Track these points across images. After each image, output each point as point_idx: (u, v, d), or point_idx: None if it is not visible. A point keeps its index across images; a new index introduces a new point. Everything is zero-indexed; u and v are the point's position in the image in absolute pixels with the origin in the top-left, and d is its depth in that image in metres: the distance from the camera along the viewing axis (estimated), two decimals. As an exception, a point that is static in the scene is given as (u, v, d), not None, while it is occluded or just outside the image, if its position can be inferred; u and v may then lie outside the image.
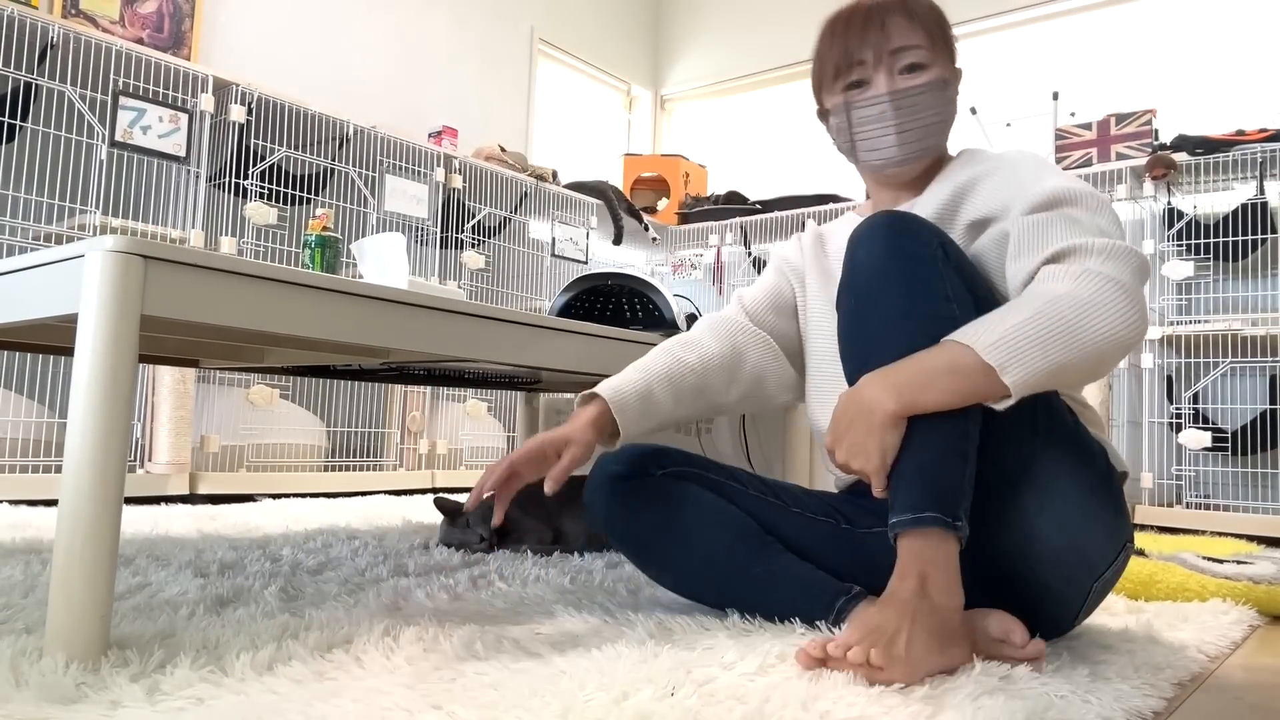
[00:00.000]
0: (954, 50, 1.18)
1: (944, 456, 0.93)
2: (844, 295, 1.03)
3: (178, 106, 2.59)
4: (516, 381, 2.14)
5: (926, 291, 0.97)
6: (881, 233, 1.00)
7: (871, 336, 0.99)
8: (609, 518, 1.17)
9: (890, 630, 0.88)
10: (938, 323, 0.95)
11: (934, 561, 0.92)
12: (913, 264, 0.97)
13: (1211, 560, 1.77)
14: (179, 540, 1.71)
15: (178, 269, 0.91)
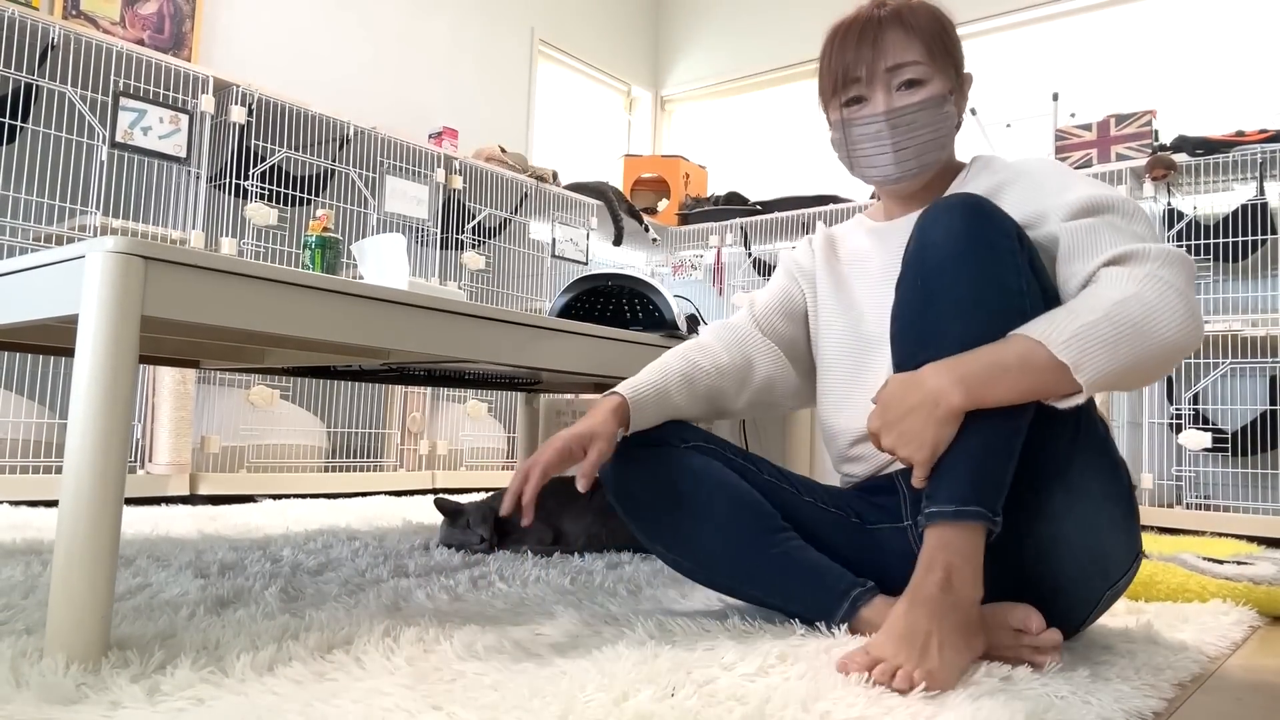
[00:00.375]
0: (958, 58, 1.15)
1: (992, 451, 0.93)
2: (909, 272, 0.99)
3: (178, 107, 2.59)
4: (517, 382, 2.14)
5: (1001, 280, 0.94)
6: (960, 213, 0.96)
7: (936, 319, 0.96)
8: (627, 485, 1.15)
9: (922, 637, 0.88)
10: (1007, 315, 0.93)
11: (961, 553, 0.91)
12: (991, 250, 0.94)
13: (1211, 561, 1.77)
14: (179, 541, 1.71)
15: (178, 270, 0.91)
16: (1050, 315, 0.93)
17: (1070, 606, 1.03)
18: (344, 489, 2.96)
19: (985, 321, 0.93)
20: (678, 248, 4.45)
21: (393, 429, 3.22)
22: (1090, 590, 1.03)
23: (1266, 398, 2.85)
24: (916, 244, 0.99)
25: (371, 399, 3.28)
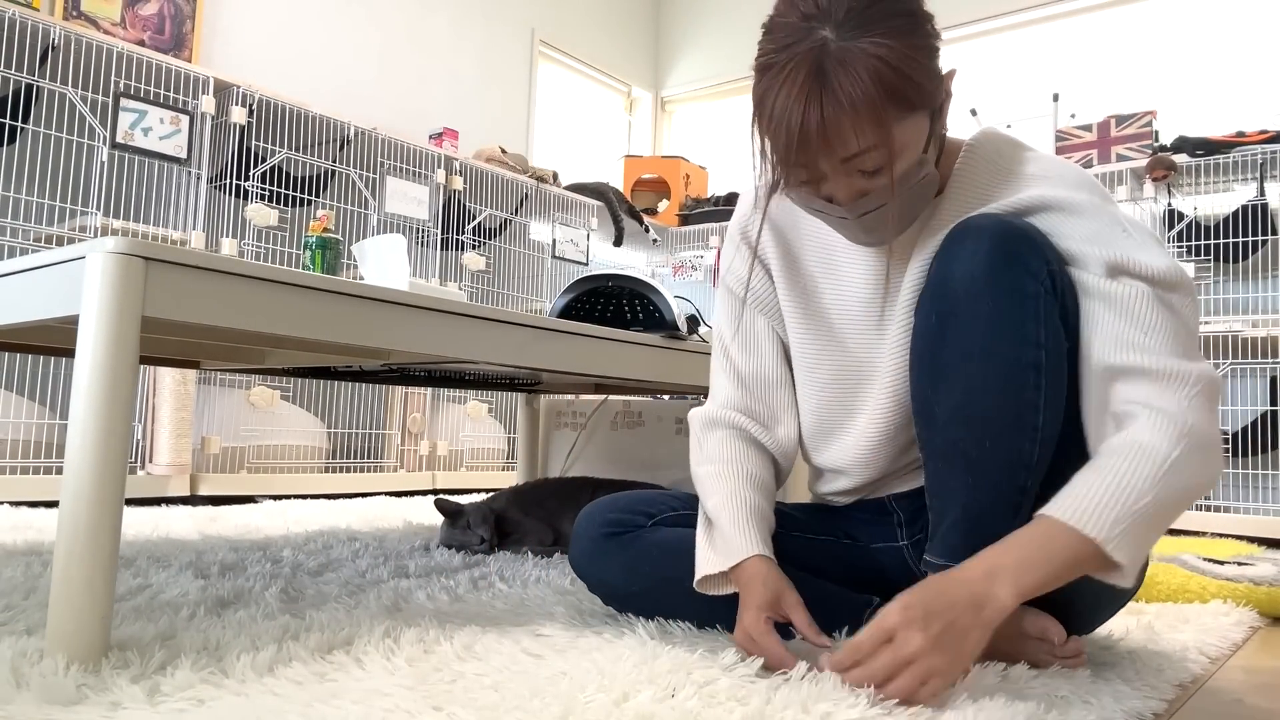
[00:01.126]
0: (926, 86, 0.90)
1: (995, 506, 0.90)
2: (928, 300, 0.93)
3: (179, 108, 2.59)
4: (517, 383, 2.14)
5: (1019, 329, 0.87)
6: (987, 245, 0.88)
7: (947, 361, 0.91)
8: (608, 581, 1.11)
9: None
10: (1019, 370, 0.88)
11: None
12: (1013, 294, 0.87)
13: (1212, 562, 1.77)
14: (180, 542, 1.71)
15: (178, 270, 0.91)
16: (1092, 492, 0.83)
17: (1080, 616, 1.02)
18: (344, 490, 2.96)
19: (996, 375, 0.88)
20: (678, 248, 4.45)
21: (393, 430, 3.22)
22: (1101, 602, 1.02)
23: (1267, 398, 2.85)
24: (938, 270, 0.92)
25: (372, 400, 3.28)
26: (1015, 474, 0.90)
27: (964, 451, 0.91)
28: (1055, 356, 0.89)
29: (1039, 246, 0.89)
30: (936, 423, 0.93)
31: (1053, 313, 0.89)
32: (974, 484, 0.90)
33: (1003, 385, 0.88)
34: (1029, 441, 0.89)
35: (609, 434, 2.46)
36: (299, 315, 1.02)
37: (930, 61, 0.93)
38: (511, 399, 3.76)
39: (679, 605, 1.08)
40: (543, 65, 4.64)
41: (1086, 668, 0.97)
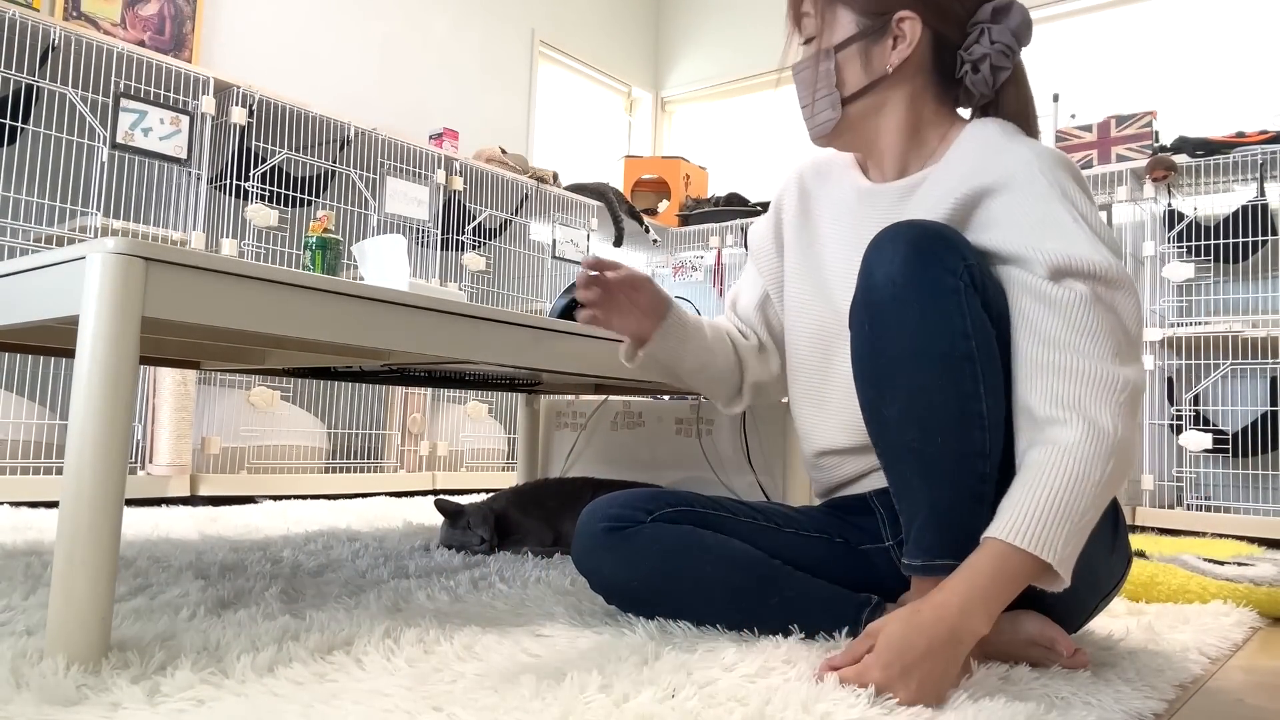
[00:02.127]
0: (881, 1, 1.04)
1: (959, 498, 0.91)
2: (859, 312, 0.96)
3: (179, 109, 2.60)
4: (517, 383, 2.14)
5: (943, 328, 0.90)
6: (902, 251, 0.91)
7: (887, 368, 0.93)
8: (607, 577, 1.11)
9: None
10: (952, 362, 0.90)
11: None
12: (932, 295, 0.90)
13: (1212, 562, 1.77)
14: (180, 542, 1.71)
15: (179, 271, 0.91)
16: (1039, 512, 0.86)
17: (1065, 615, 1.02)
18: (344, 490, 2.96)
19: (932, 371, 0.90)
20: (678, 249, 4.45)
21: (393, 430, 3.22)
22: (1082, 603, 1.03)
23: (1267, 399, 2.85)
24: (862, 281, 0.95)
25: (372, 400, 3.28)
26: (973, 464, 0.91)
27: (918, 451, 0.92)
28: (985, 346, 0.91)
29: (954, 245, 0.92)
30: (888, 427, 0.94)
31: (975, 304, 0.91)
32: (935, 481, 0.92)
33: (941, 381, 0.90)
34: (978, 429, 0.91)
35: (609, 434, 2.46)
36: (299, 315, 1.02)
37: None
38: (511, 399, 3.76)
39: (678, 602, 1.09)
40: (543, 65, 4.64)
41: (1087, 669, 0.97)
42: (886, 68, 1.06)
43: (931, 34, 1.06)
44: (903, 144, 1.10)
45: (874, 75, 1.07)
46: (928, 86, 1.09)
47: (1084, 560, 0.96)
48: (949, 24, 1.06)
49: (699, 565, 1.07)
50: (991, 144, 1.03)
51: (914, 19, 1.04)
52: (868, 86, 1.07)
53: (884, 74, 1.06)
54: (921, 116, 1.10)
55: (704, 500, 1.14)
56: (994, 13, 1.04)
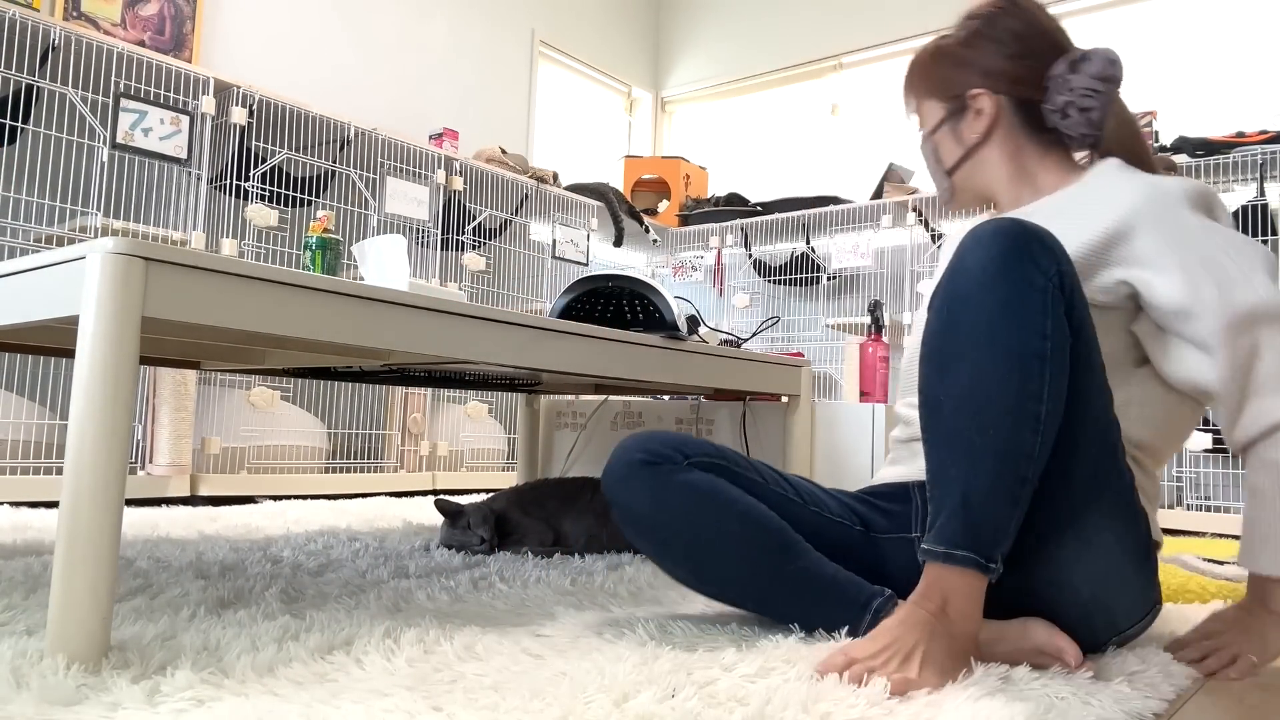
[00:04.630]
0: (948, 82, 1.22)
1: (994, 494, 0.91)
2: (940, 294, 0.97)
3: (179, 109, 2.60)
4: (517, 383, 2.14)
5: (1023, 322, 0.91)
6: (999, 243, 0.93)
7: (954, 350, 0.94)
8: (633, 508, 1.11)
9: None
10: (1024, 358, 0.90)
11: (958, 591, 0.91)
12: (1020, 289, 0.91)
13: (1212, 562, 1.77)
14: (180, 542, 1.71)
15: (178, 271, 0.91)
16: None
17: (1097, 630, 1.02)
18: (344, 490, 2.96)
19: (1000, 362, 0.91)
20: (678, 249, 4.45)
21: (393, 430, 3.22)
22: (1095, 634, 1.02)
23: (1267, 399, 2.84)
24: (951, 267, 0.96)
25: (372, 400, 3.28)
26: (1016, 463, 0.90)
27: (967, 439, 0.92)
28: (1059, 350, 0.91)
29: (1050, 248, 0.93)
30: (942, 411, 0.94)
31: (1059, 308, 0.92)
32: (974, 471, 0.91)
33: (1007, 372, 0.90)
34: (1030, 431, 0.90)
35: (609, 434, 2.46)
36: (299, 315, 1.02)
37: (950, 69, 1.22)
38: (511, 399, 3.76)
39: (696, 549, 1.09)
40: (543, 65, 4.64)
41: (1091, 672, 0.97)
42: (974, 138, 1.21)
43: (1010, 100, 1.19)
44: (1015, 189, 1.21)
45: (966, 146, 1.22)
46: (1024, 142, 1.20)
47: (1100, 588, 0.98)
48: (1024, 86, 1.18)
49: (724, 518, 1.07)
50: (1107, 188, 1.11)
51: (985, 94, 1.19)
52: (963, 157, 1.22)
53: (974, 143, 1.21)
54: (1025, 167, 1.21)
55: (738, 458, 1.17)
56: (1070, 64, 1.18)
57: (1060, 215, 1.13)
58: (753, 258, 4.18)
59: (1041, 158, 1.21)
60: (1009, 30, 1.20)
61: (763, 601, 1.10)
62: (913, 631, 0.90)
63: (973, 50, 1.20)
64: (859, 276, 3.84)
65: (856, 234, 3.75)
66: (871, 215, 3.78)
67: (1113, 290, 1.06)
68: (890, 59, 4.40)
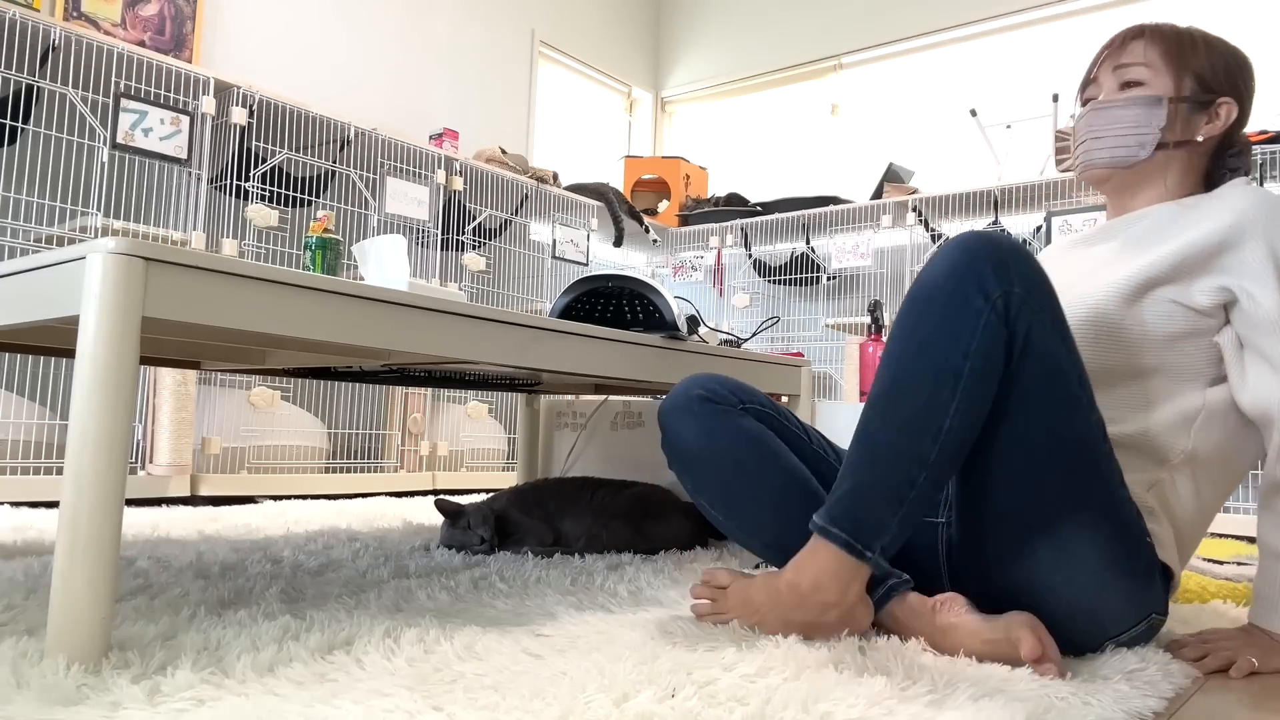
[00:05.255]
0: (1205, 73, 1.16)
1: (881, 490, 0.97)
2: (905, 298, 1.02)
3: (179, 109, 2.60)
4: (517, 383, 2.14)
5: (949, 338, 0.95)
6: (954, 258, 0.97)
7: (890, 353, 1.00)
8: (683, 438, 1.18)
9: (757, 615, 1.04)
10: (940, 373, 0.95)
11: (825, 565, 0.99)
12: (956, 306, 0.95)
13: (1212, 561, 1.77)
14: (180, 542, 1.71)
15: (179, 271, 0.91)
16: None
17: (1071, 645, 1.02)
18: (345, 490, 2.96)
19: (919, 368, 0.96)
20: (678, 249, 4.45)
21: (393, 430, 3.22)
22: (1086, 636, 1.03)
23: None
24: (919, 273, 1.01)
25: (372, 400, 3.28)
26: (908, 466, 0.96)
27: (871, 433, 0.99)
28: (980, 372, 0.95)
29: (1003, 267, 0.95)
30: (867, 403, 1.01)
31: (993, 332, 0.94)
32: (870, 464, 0.98)
33: (920, 382, 0.96)
34: (930, 440, 0.95)
35: (609, 434, 2.46)
36: (299, 315, 1.02)
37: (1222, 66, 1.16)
38: (511, 399, 3.76)
39: (731, 486, 1.17)
40: (543, 66, 4.64)
41: (1086, 667, 0.97)
42: (1197, 136, 1.17)
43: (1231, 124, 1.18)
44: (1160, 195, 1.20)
45: (1183, 137, 1.17)
46: (1200, 167, 1.20)
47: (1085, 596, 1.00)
48: (1237, 127, 1.19)
49: (764, 467, 1.15)
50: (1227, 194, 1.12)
51: (1231, 104, 1.17)
52: (1177, 143, 1.17)
53: (1190, 139, 1.17)
54: (1183, 186, 1.20)
55: (789, 414, 1.26)
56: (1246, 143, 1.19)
57: (1175, 220, 1.14)
58: (753, 258, 4.18)
59: (1196, 184, 1.21)
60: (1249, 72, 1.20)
61: (784, 552, 1.11)
62: (761, 597, 1.04)
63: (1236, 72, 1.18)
64: (859, 276, 3.84)
65: (856, 234, 3.75)
66: (871, 215, 3.78)
67: (1213, 295, 1.07)
68: (890, 59, 4.40)
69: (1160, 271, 1.09)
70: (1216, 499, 1.12)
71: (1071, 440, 0.98)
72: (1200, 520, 1.12)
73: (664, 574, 1.52)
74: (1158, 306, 1.09)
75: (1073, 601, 1.01)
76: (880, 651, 0.99)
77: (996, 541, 1.02)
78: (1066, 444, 0.98)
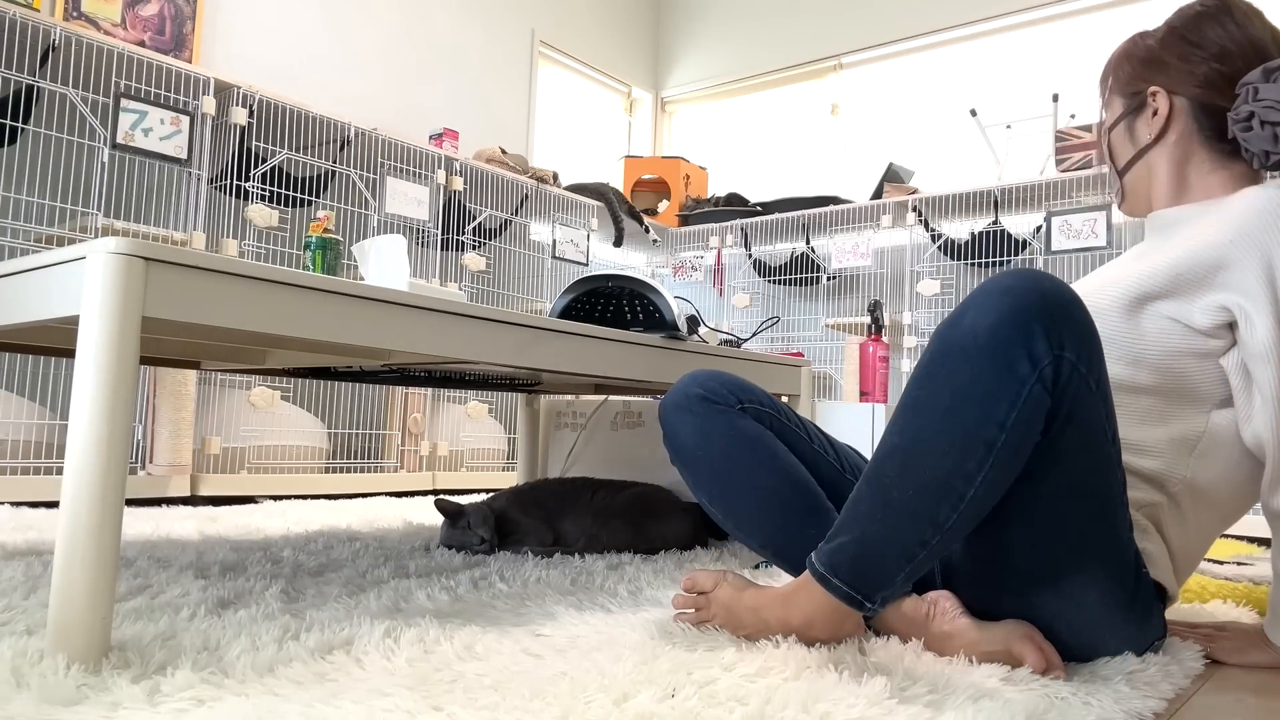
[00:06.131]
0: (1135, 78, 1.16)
1: (891, 546, 0.92)
2: (936, 333, 0.92)
3: (179, 109, 2.60)
4: (517, 383, 2.14)
5: (987, 406, 0.86)
6: (1002, 309, 0.86)
7: (916, 400, 0.92)
8: (681, 436, 1.18)
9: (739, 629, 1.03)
10: (970, 441, 0.87)
11: (821, 609, 0.97)
12: (998, 371, 0.86)
13: (1212, 561, 1.77)
14: (180, 542, 1.71)
15: (179, 271, 0.91)
16: None
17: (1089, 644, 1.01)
18: (345, 490, 2.96)
19: (948, 432, 0.88)
20: (678, 249, 4.45)
21: (393, 430, 3.22)
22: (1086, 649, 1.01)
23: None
24: (959, 309, 0.91)
25: (372, 400, 3.28)
26: (922, 529, 0.90)
27: (886, 486, 0.92)
28: (1013, 445, 0.87)
29: (1056, 325, 0.86)
30: (883, 448, 0.94)
31: (1035, 404, 0.86)
32: (882, 519, 0.92)
33: (948, 447, 0.88)
34: (950, 507, 0.89)
35: (609, 434, 2.46)
36: (299, 315, 1.02)
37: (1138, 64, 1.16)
38: (511, 399, 3.76)
39: (729, 487, 1.15)
40: (543, 66, 4.64)
41: (1086, 667, 0.97)
42: (1147, 137, 1.16)
43: (1191, 102, 1.12)
44: (1169, 201, 1.16)
45: (1139, 145, 1.18)
46: (1195, 150, 1.13)
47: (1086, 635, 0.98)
48: (1209, 89, 1.10)
49: (762, 466, 1.14)
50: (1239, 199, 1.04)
51: (1160, 91, 1.14)
52: (1135, 157, 1.18)
53: (1146, 144, 1.16)
54: (1186, 178, 1.14)
55: (790, 413, 1.25)
56: (1265, 73, 1.04)
57: (1181, 224, 1.10)
58: (753, 258, 4.17)
59: (1210, 171, 1.12)
60: (1208, 32, 1.11)
61: (780, 553, 1.13)
62: (748, 616, 1.02)
63: (1165, 49, 1.14)
64: (859, 276, 3.84)
65: (856, 234, 3.75)
66: (871, 215, 3.78)
67: (1213, 315, 1.01)
68: (890, 59, 4.40)
69: (1156, 285, 1.03)
70: (1214, 527, 1.09)
71: (1094, 498, 0.93)
72: (1197, 546, 1.08)
73: (664, 574, 1.52)
74: (1157, 323, 1.04)
75: (1073, 641, 0.99)
76: (880, 652, 0.99)
77: (999, 584, 0.99)
78: (1088, 502, 0.93)
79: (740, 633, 1.03)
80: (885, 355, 3.20)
